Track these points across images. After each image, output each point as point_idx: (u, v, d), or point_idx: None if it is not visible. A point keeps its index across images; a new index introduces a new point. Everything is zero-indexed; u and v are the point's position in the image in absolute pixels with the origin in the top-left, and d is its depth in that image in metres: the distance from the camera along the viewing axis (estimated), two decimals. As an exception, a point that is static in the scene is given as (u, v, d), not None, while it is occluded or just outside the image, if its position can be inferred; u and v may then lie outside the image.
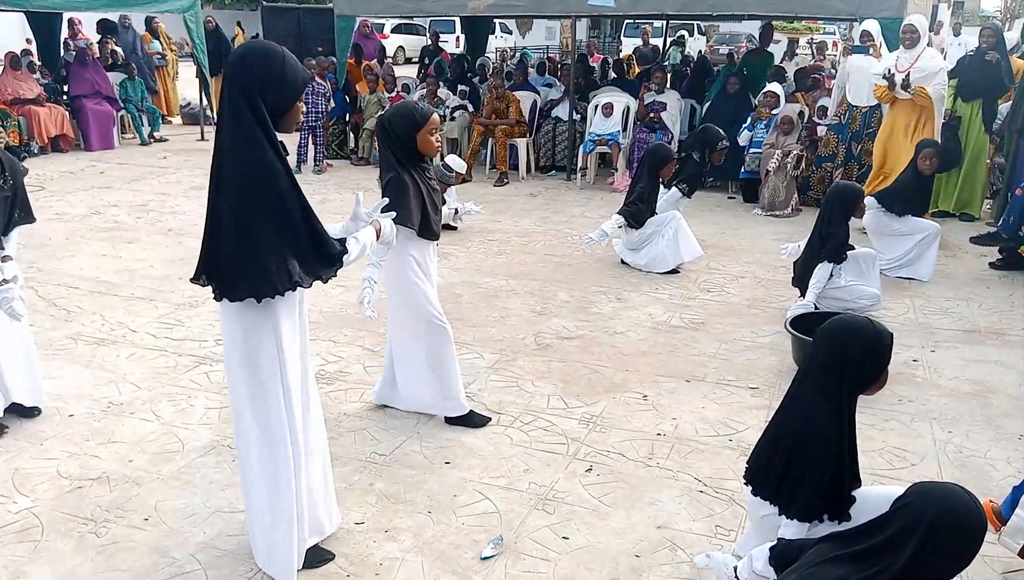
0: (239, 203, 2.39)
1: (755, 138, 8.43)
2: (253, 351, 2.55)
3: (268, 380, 2.57)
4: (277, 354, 2.56)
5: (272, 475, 2.65)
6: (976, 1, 50.67)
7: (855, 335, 2.41)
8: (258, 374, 2.57)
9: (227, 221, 2.41)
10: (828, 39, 19.98)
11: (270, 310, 2.51)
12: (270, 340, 2.54)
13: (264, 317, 2.52)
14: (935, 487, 1.97)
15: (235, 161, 2.38)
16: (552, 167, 10.13)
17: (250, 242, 2.40)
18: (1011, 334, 5.12)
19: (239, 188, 2.39)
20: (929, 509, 1.89)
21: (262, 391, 2.58)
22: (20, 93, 10.40)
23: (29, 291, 5.59)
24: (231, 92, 2.38)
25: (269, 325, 2.53)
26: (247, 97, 2.36)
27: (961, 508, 1.89)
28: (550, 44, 29.83)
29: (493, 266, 6.40)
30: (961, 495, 1.92)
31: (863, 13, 8.00)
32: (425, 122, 3.52)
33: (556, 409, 4.07)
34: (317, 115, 9.88)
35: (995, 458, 3.66)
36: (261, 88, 2.37)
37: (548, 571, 2.87)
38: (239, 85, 2.37)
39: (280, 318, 2.54)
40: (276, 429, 2.61)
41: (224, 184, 2.40)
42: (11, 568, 2.83)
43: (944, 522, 1.87)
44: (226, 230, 2.41)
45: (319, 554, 2.89)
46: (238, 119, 2.37)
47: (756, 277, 6.21)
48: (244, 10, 29.25)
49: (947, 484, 1.98)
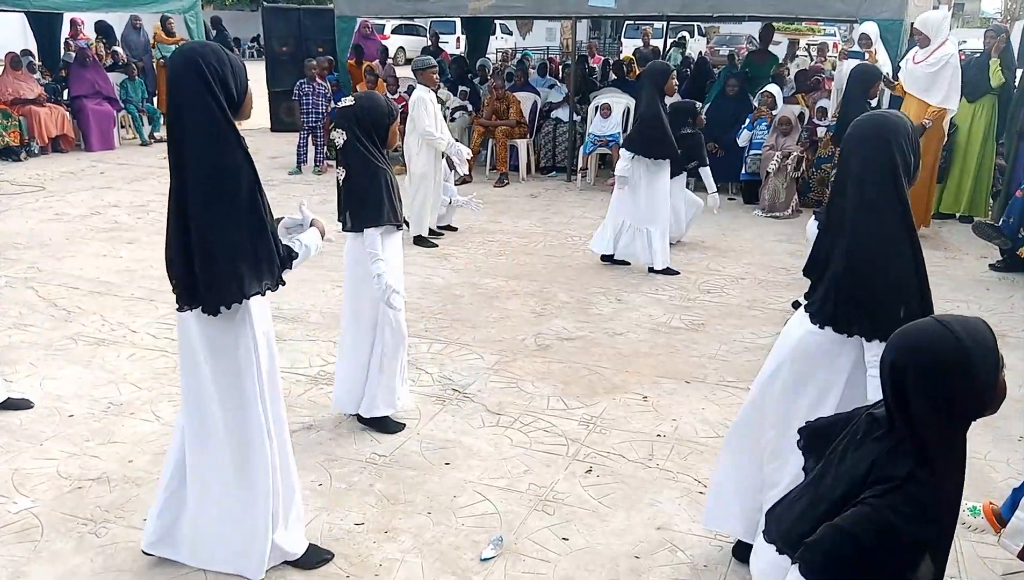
0: (217, 208, 2.38)
1: (755, 140, 8.44)
2: (229, 350, 2.55)
3: (244, 377, 2.58)
4: (253, 350, 2.59)
5: (247, 471, 2.65)
6: (976, 3, 50.69)
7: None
8: (233, 370, 2.57)
9: (199, 227, 2.38)
10: (828, 40, 19.97)
11: (245, 308, 2.54)
12: (246, 338, 2.57)
13: (240, 316, 2.55)
14: (898, 331, 1.71)
15: (204, 164, 2.37)
16: (552, 168, 10.13)
17: (224, 248, 2.40)
18: (1011, 336, 5.12)
19: (213, 193, 2.37)
20: (887, 354, 1.68)
21: (237, 389, 2.59)
22: (21, 93, 10.40)
23: (29, 291, 5.60)
24: (191, 91, 2.35)
25: (246, 322, 2.56)
26: (211, 93, 2.35)
27: (914, 341, 1.65)
28: (551, 45, 29.83)
29: (493, 267, 6.40)
30: (920, 328, 1.67)
31: (863, 14, 7.99)
32: (397, 115, 3.55)
33: (556, 410, 4.07)
34: (317, 116, 9.87)
35: (995, 459, 3.66)
36: (223, 80, 2.37)
37: (548, 572, 2.87)
38: (200, 82, 2.34)
39: (253, 312, 2.57)
40: (253, 426, 2.62)
41: (195, 189, 2.38)
42: (11, 568, 2.83)
43: (905, 359, 1.64)
44: (197, 238, 2.39)
45: (318, 554, 2.89)
46: (208, 118, 2.35)
47: (756, 278, 6.21)
48: (244, 10, 29.27)
49: (915, 322, 1.73)
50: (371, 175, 3.48)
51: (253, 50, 28.45)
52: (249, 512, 2.70)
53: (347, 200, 3.58)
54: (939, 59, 6.73)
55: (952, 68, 6.74)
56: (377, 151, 3.52)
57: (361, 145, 3.48)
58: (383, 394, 3.76)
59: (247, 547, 2.73)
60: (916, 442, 1.64)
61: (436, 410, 4.03)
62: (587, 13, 9.69)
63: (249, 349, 2.58)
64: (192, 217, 2.39)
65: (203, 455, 2.69)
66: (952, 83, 6.78)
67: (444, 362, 4.59)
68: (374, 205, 3.48)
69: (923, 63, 6.80)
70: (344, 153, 3.54)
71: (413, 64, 6.98)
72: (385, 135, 3.54)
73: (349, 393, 3.82)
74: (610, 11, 9.28)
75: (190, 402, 2.67)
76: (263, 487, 2.68)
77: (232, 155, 2.39)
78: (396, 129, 3.59)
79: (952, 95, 6.82)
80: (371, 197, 3.48)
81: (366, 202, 3.49)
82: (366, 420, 3.81)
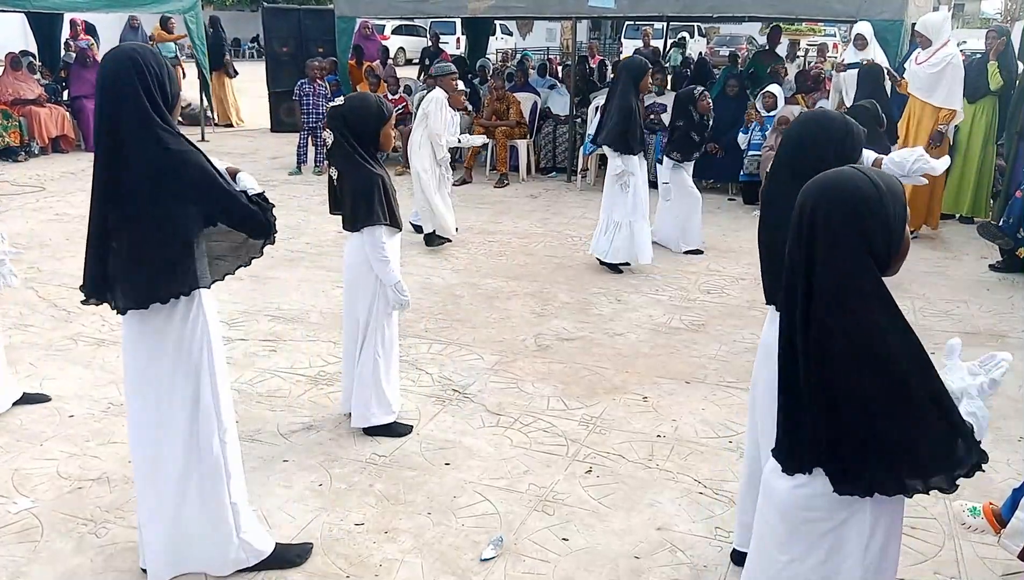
0: (154, 199, 2.38)
1: (753, 140, 8.45)
2: (184, 343, 2.54)
3: (200, 370, 2.57)
4: (207, 341, 2.58)
5: (198, 470, 2.64)
6: (977, 3, 50.71)
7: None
8: (190, 364, 2.56)
9: (147, 221, 2.38)
10: (829, 40, 19.98)
11: (197, 297, 2.54)
12: (201, 328, 2.56)
13: (193, 304, 2.54)
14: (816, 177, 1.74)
15: (149, 159, 2.36)
16: (553, 168, 10.14)
17: (175, 239, 2.42)
18: (1011, 336, 5.12)
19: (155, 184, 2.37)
20: (804, 197, 1.72)
21: (193, 384, 2.57)
22: (21, 94, 10.41)
23: (29, 291, 5.60)
24: (133, 94, 2.34)
25: (200, 312, 2.56)
26: (149, 98, 2.36)
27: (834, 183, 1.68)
28: (551, 45, 29.85)
29: (493, 267, 6.40)
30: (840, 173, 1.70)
31: (863, 15, 7.99)
32: (390, 116, 3.52)
33: (556, 410, 4.07)
34: (318, 116, 9.87)
35: (995, 460, 3.64)
36: (160, 84, 2.38)
37: (548, 572, 2.87)
38: (142, 86, 2.35)
39: (207, 301, 2.57)
40: (207, 421, 2.62)
41: (140, 186, 2.37)
42: (11, 568, 2.83)
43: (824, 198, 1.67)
44: (146, 232, 2.39)
45: (294, 549, 2.91)
46: (142, 118, 2.35)
47: (756, 279, 6.18)
48: (244, 11, 29.28)
49: (832, 170, 1.74)
50: (363, 176, 3.46)
51: (253, 50, 28.48)
52: (215, 519, 2.70)
53: (341, 200, 3.59)
54: (941, 59, 6.78)
55: (953, 68, 6.79)
56: (368, 153, 3.49)
57: (350, 146, 3.46)
58: (377, 402, 3.72)
59: (211, 544, 2.73)
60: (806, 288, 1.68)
61: (436, 410, 4.03)
62: (587, 14, 9.70)
63: (204, 344, 2.57)
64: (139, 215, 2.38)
65: (152, 460, 2.65)
66: (954, 83, 6.82)
67: (444, 362, 4.59)
68: (366, 204, 3.47)
69: (925, 64, 6.85)
70: (332, 154, 3.54)
71: (434, 70, 6.93)
72: (375, 138, 3.50)
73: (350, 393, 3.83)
74: (610, 11, 9.29)
75: (141, 411, 2.62)
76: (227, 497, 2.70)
77: (183, 147, 2.41)
78: (390, 131, 3.55)
79: (955, 95, 6.85)
80: (362, 197, 3.47)
81: (358, 202, 3.48)
82: (371, 430, 3.76)
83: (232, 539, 2.74)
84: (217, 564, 2.76)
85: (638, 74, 5.80)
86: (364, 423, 3.75)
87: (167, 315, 2.51)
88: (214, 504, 2.69)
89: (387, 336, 3.70)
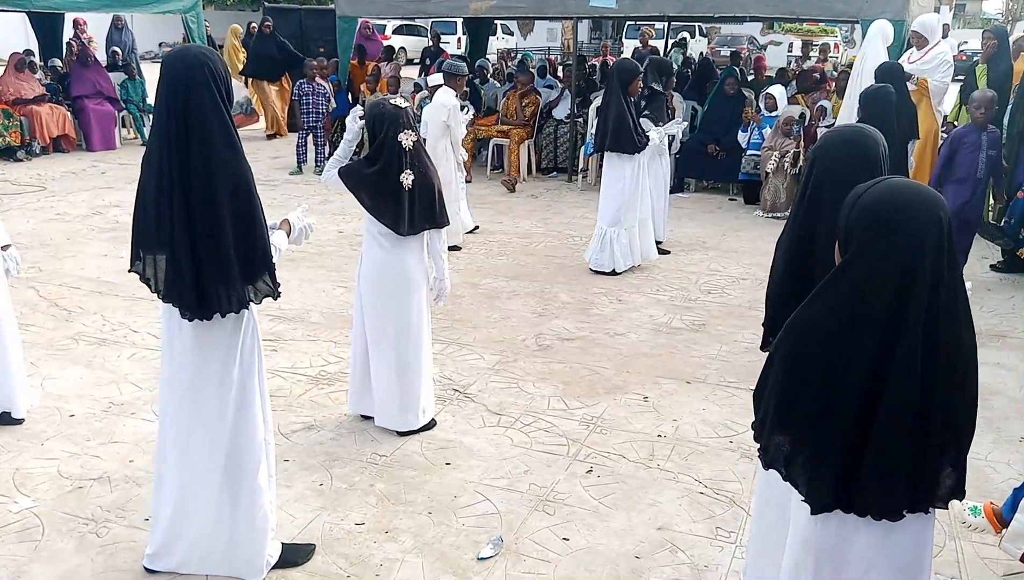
0: (232, 212, 2.40)
1: (752, 140, 8.45)
2: (233, 352, 2.58)
3: (251, 374, 2.63)
4: (256, 349, 2.65)
5: (244, 473, 2.66)
6: (978, 3, 50.68)
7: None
8: (242, 368, 2.60)
9: (216, 231, 2.39)
10: (830, 40, 19.98)
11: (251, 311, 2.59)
12: (251, 338, 2.63)
13: (248, 318, 2.60)
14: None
15: (224, 171, 2.38)
16: (553, 169, 10.13)
17: (243, 251, 2.44)
18: (1012, 337, 5.12)
19: (234, 198, 2.40)
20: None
21: (240, 390, 2.61)
22: (22, 93, 10.41)
23: (30, 291, 5.60)
24: (204, 96, 2.34)
25: (251, 317, 2.62)
26: (221, 99, 2.36)
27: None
28: (551, 45, 29.84)
29: (494, 267, 6.40)
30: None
31: (865, 15, 7.99)
32: (409, 123, 3.54)
33: (557, 410, 4.07)
34: (317, 116, 9.87)
35: (996, 460, 3.66)
36: (228, 87, 2.39)
37: (548, 572, 2.87)
38: (212, 88, 2.35)
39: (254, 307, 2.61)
40: (254, 425, 2.66)
41: (215, 194, 2.38)
42: (11, 568, 2.83)
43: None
44: (215, 240, 2.40)
45: (299, 551, 2.90)
46: (221, 123, 2.36)
47: (757, 279, 6.20)
48: (246, 11, 29.28)
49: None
50: (435, 176, 3.55)
51: (253, 50, 28.39)
52: (250, 521, 2.71)
53: (411, 206, 3.51)
54: (932, 56, 6.98)
55: (941, 63, 6.98)
56: (394, 161, 3.52)
57: (423, 147, 3.57)
58: (411, 403, 3.73)
59: (248, 549, 2.73)
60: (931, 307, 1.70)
61: (437, 410, 4.02)
62: (588, 13, 9.70)
63: (255, 351, 2.64)
64: (207, 221, 2.39)
65: (194, 462, 2.67)
66: (944, 75, 7.01)
67: (445, 362, 4.59)
68: (442, 203, 3.56)
69: (918, 62, 7.00)
70: (413, 158, 3.49)
71: (445, 67, 6.90)
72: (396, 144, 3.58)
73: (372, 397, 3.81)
74: (611, 11, 9.28)
75: (182, 415, 2.64)
76: (264, 499, 2.71)
77: (244, 162, 2.42)
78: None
79: (942, 82, 7.02)
80: (439, 196, 3.54)
81: (436, 201, 3.54)
82: (408, 432, 3.76)
83: (266, 544, 2.74)
84: (254, 569, 2.74)
85: (627, 78, 5.93)
86: (403, 427, 3.76)
87: (224, 321, 2.52)
88: (255, 508, 2.69)
89: (417, 336, 3.72)
